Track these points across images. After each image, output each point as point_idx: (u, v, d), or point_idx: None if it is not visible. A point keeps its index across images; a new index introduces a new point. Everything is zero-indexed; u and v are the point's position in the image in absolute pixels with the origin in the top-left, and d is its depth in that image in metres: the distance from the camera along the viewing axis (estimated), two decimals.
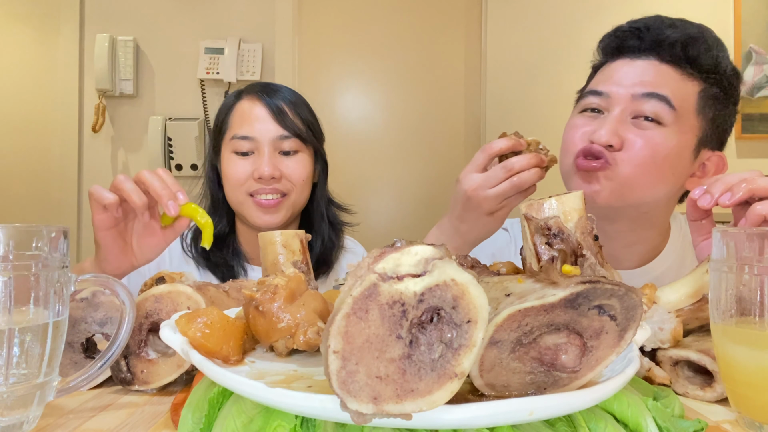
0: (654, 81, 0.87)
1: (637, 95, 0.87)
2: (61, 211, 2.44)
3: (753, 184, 0.68)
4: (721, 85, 0.91)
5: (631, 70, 0.89)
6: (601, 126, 0.86)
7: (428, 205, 2.55)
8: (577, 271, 0.47)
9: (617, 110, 0.87)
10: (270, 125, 1.12)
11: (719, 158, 0.94)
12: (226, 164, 1.14)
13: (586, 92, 0.93)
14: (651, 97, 0.86)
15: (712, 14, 2.46)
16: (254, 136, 1.11)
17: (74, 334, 0.62)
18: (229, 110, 1.17)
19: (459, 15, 2.56)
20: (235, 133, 1.13)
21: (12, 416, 0.47)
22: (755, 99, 2.46)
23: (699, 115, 0.89)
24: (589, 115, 0.92)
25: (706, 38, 0.89)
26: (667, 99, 0.86)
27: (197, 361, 0.41)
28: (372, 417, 0.31)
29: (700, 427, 0.45)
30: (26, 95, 2.48)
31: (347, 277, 0.33)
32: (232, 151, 1.13)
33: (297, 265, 0.74)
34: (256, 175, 1.10)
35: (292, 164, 1.13)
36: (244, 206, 1.13)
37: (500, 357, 0.35)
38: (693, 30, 0.90)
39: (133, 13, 2.47)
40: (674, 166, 0.88)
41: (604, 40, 0.98)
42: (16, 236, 0.47)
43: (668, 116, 0.86)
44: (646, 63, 0.89)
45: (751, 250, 0.49)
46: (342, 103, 2.56)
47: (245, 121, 1.13)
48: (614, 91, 0.88)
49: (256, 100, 1.14)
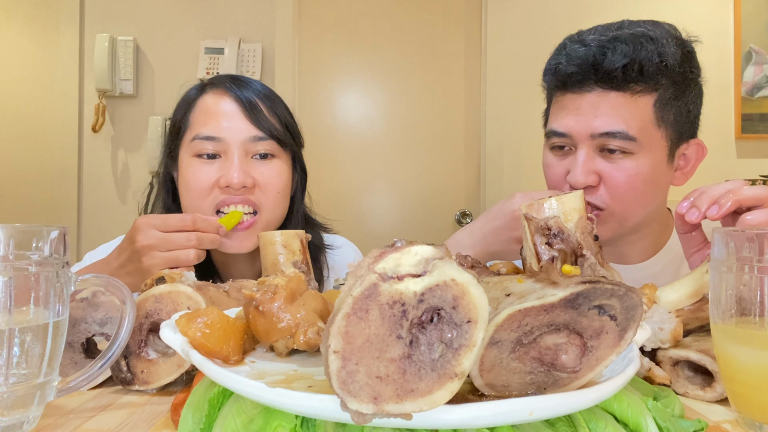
0: (606, 116, 0.85)
1: (595, 134, 0.86)
2: (61, 211, 2.44)
3: (739, 194, 0.68)
4: (674, 81, 0.87)
5: (581, 107, 0.87)
6: (573, 167, 0.88)
7: (428, 205, 2.55)
8: (577, 271, 0.47)
9: (583, 150, 0.87)
10: (241, 123, 0.93)
11: (696, 145, 0.94)
12: (186, 170, 0.93)
13: (549, 131, 0.92)
14: (608, 136, 0.85)
15: (712, 14, 2.46)
16: (221, 136, 0.92)
17: (74, 334, 0.62)
18: (190, 106, 0.97)
19: (459, 15, 2.56)
20: (198, 132, 0.93)
21: (12, 416, 0.47)
22: (755, 99, 2.46)
23: (660, 126, 0.87)
24: (560, 153, 0.93)
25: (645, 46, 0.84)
26: (624, 133, 0.84)
27: (197, 361, 0.41)
28: (372, 417, 0.31)
29: (700, 427, 0.45)
30: (26, 95, 2.48)
31: (347, 277, 0.33)
32: (194, 155, 0.93)
33: (297, 265, 0.74)
34: (223, 182, 0.90)
35: (267, 171, 0.94)
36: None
37: (500, 357, 0.35)
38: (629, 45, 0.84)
39: (133, 13, 2.47)
40: (656, 182, 0.90)
41: (545, 74, 0.96)
42: (16, 236, 0.47)
43: (632, 146, 0.85)
44: (593, 96, 0.86)
45: (751, 250, 0.49)
46: (342, 103, 2.56)
47: (210, 118, 0.93)
48: (573, 131, 0.88)
49: (223, 94, 0.95)
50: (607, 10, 2.44)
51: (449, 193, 2.55)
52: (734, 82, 2.46)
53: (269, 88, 1.01)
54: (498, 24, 2.48)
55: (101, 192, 2.47)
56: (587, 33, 0.90)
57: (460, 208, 2.55)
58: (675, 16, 2.43)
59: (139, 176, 2.47)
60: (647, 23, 0.89)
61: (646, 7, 2.42)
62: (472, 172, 2.55)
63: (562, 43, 0.93)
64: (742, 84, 2.46)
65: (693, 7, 2.45)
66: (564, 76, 0.88)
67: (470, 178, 2.56)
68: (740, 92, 2.46)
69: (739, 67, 2.46)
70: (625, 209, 0.89)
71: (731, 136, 2.47)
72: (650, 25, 0.88)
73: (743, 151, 2.48)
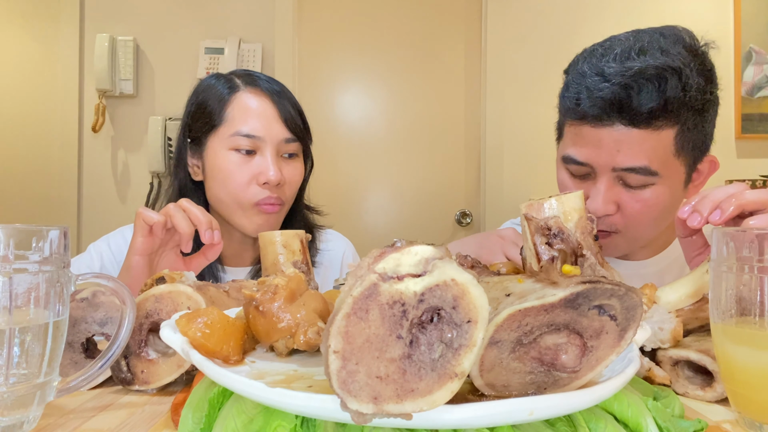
0: (629, 151, 0.82)
1: (617, 169, 0.84)
2: (61, 211, 2.44)
3: (741, 199, 0.67)
4: (695, 110, 0.84)
5: (602, 141, 0.84)
6: (594, 195, 0.86)
7: (428, 205, 2.55)
8: (577, 271, 0.47)
9: (603, 179, 0.85)
10: (278, 126, 1.04)
11: (710, 162, 0.93)
12: (223, 162, 1.03)
13: (567, 157, 0.89)
14: (631, 171, 0.83)
15: (712, 14, 2.46)
16: (260, 135, 1.02)
17: (74, 334, 0.62)
18: (226, 101, 1.05)
19: (459, 15, 2.56)
20: (239, 129, 1.02)
21: (12, 416, 0.47)
22: (755, 99, 2.46)
23: (680, 156, 0.86)
24: (578, 178, 0.90)
25: (670, 83, 0.80)
26: (647, 169, 0.83)
27: (197, 361, 0.41)
28: (372, 417, 0.31)
29: (700, 427, 0.45)
30: (26, 95, 2.48)
31: (347, 277, 0.33)
32: (231, 148, 1.03)
33: (297, 265, 0.74)
34: (262, 179, 1.01)
35: (292, 170, 1.07)
36: (241, 212, 1.04)
37: (500, 357, 0.35)
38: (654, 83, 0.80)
39: (133, 13, 2.47)
40: (672, 207, 0.89)
41: (562, 100, 0.91)
42: (16, 236, 0.47)
43: (653, 179, 0.84)
44: (614, 133, 0.83)
45: (751, 250, 0.49)
46: (342, 103, 2.56)
47: (251, 116, 1.03)
48: (594, 162, 0.85)
49: (262, 96, 1.05)
50: (608, 11, 2.44)
51: (449, 193, 2.55)
52: (734, 82, 2.46)
53: (282, 85, 1.10)
54: (498, 24, 2.48)
55: (101, 192, 2.47)
56: (606, 59, 0.83)
57: (460, 208, 2.55)
58: (675, 17, 2.44)
59: (139, 176, 2.47)
60: (667, 39, 0.84)
61: (647, 8, 2.42)
62: (472, 172, 2.55)
63: (579, 69, 0.86)
64: (742, 84, 2.46)
65: (693, 7, 2.45)
66: (585, 114, 0.85)
67: (470, 178, 2.56)
68: (740, 92, 2.46)
69: (739, 67, 2.46)
70: (637, 233, 0.89)
71: (731, 136, 2.47)
72: (671, 43, 0.83)
73: (743, 151, 2.48)
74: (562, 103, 0.91)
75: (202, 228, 0.82)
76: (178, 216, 0.82)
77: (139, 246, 0.84)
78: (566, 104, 0.89)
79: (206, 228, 0.82)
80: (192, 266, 0.88)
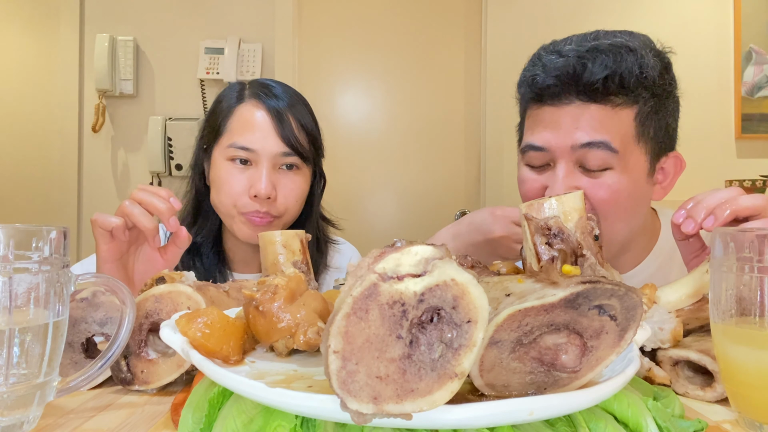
0: (588, 127, 0.82)
1: (576, 146, 0.82)
2: (61, 211, 2.45)
3: (735, 204, 0.67)
4: (654, 94, 0.84)
5: (560, 120, 0.83)
6: (553, 183, 0.85)
7: (428, 205, 2.55)
8: (577, 271, 0.47)
9: (562, 164, 0.84)
10: (272, 139, 1.03)
11: (675, 158, 0.91)
12: (220, 171, 1.04)
13: (525, 146, 0.88)
14: (591, 146, 0.81)
15: (712, 14, 2.46)
16: (254, 148, 1.02)
17: (74, 334, 0.62)
18: (230, 112, 1.07)
19: (459, 15, 2.56)
20: (235, 141, 1.03)
21: (12, 416, 0.47)
22: (755, 99, 2.46)
23: (640, 141, 0.85)
24: (537, 169, 0.89)
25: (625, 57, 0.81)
26: (607, 144, 0.81)
27: (197, 361, 0.41)
28: (372, 417, 0.31)
29: (700, 427, 0.45)
30: (26, 95, 2.48)
31: (347, 277, 0.33)
32: (228, 158, 1.04)
33: (297, 265, 0.74)
34: (252, 192, 1.01)
35: (289, 183, 1.05)
36: (233, 219, 1.05)
37: (500, 357, 0.35)
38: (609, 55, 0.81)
39: (133, 13, 2.47)
40: (638, 198, 0.87)
41: (520, 86, 0.91)
42: (16, 236, 0.47)
43: (613, 159, 0.83)
44: (572, 109, 0.83)
45: (751, 250, 0.49)
46: (342, 103, 2.56)
47: (246, 129, 1.04)
48: (552, 144, 0.84)
49: (259, 106, 1.05)
50: (608, 11, 2.43)
51: (449, 193, 2.55)
52: (734, 82, 2.46)
53: (300, 98, 1.10)
54: (498, 24, 2.48)
55: (101, 192, 2.47)
56: (563, 43, 0.86)
57: (460, 208, 2.55)
58: (675, 17, 2.45)
59: (139, 176, 2.47)
60: (624, 33, 0.85)
61: (647, 8, 2.42)
62: (472, 172, 2.55)
63: (536, 53, 0.89)
64: (742, 84, 2.46)
65: (693, 7, 2.45)
66: (541, 89, 0.84)
67: (470, 178, 2.56)
68: (740, 92, 2.46)
69: (739, 67, 2.46)
70: (609, 228, 0.86)
71: (731, 136, 2.47)
72: (627, 36, 0.85)
73: (743, 151, 2.48)
74: (520, 89, 0.91)
75: (165, 217, 0.80)
76: (135, 212, 0.80)
77: (105, 254, 0.81)
78: (523, 87, 0.89)
79: (169, 215, 0.80)
80: (167, 257, 0.86)
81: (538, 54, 0.88)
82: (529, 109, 0.90)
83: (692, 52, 2.40)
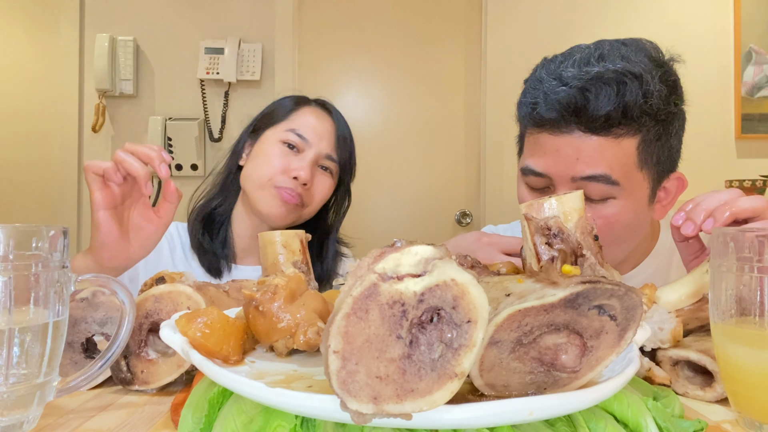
0: (588, 159, 0.79)
1: (576, 178, 0.80)
2: (61, 211, 2.44)
3: (734, 207, 0.67)
4: (658, 120, 0.80)
5: (561, 149, 0.81)
6: None
7: (428, 205, 2.55)
8: (577, 271, 0.47)
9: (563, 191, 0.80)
10: (326, 140, 1.16)
11: (677, 180, 0.89)
12: (269, 147, 1.15)
13: (526, 168, 0.86)
14: (590, 180, 0.79)
15: (712, 14, 2.46)
16: (310, 139, 1.15)
17: (74, 334, 0.62)
18: (296, 107, 1.20)
19: (459, 15, 2.56)
20: (294, 128, 1.15)
21: (12, 416, 0.47)
22: (755, 99, 2.46)
23: (643, 168, 0.82)
24: (537, 191, 0.88)
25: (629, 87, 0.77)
26: (607, 177, 0.79)
27: (197, 361, 0.41)
28: (372, 417, 0.31)
29: (700, 427, 0.45)
30: (26, 95, 2.48)
31: (347, 277, 0.33)
32: (281, 140, 1.15)
33: (297, 265, 0.74)
34: (293, 173, 1.12)
35: (321, 182, 1.17)
36: (263, 191, 1.12)
37: (500, 357, 0.35)
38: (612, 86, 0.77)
39: (133, 13, 2.47)
40: (636, 225, 0.86)
41: (520, 107, 0.88)
42: (16, 236, 0.47)
43: (614, 190, 0.81)
44: (573, 139, 0.80)
45: (750, 250, 0.49)
46: (341, 104, 2.55)
47: (308, 124, 1.17)
48: (553, 172, 0.82)
49: (327, 117, 1.20)
50: (608, 12, 2.43)
51: (449, 193, 2.55)
52: (734, 82, 2.46)
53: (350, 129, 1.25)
54: (498, 24, 2.48)
55: None
56: (565, 65, 0.81)
57: (460, 208, 2.55)
58: (675, 17, 2.44)
59: None
60: (629, 47, 0.81)
61: (647, 9, 2.42)
62: (472, 172, 2.55)
63: (537, 75, 0.85)
64: (742, 84, 2.46)
65: (693, 7, 2.45)
66: (542, 120, 0.82)
67: (470, 178, 2.56)
68: (740, 92, 2.46)
69: (739, 67, 2.46)
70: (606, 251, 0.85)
71: (731, 136, 2.47)
72: (633, 52, 0.80)
73: (743, 151, 2.48)
74: (520, 111, 0.88)
75: (155, 163, 0.80)
76: (128, 159, 0.79)
77: (99, 200, 0.80)
78: (523, 111, 0.86)
79: (159, 162, 0.80)
80: (161, 213, 0.85)
81: (539, 77, 0.84)
82: (528, 131, 0.87)
83: (692, 52, 2.40)
